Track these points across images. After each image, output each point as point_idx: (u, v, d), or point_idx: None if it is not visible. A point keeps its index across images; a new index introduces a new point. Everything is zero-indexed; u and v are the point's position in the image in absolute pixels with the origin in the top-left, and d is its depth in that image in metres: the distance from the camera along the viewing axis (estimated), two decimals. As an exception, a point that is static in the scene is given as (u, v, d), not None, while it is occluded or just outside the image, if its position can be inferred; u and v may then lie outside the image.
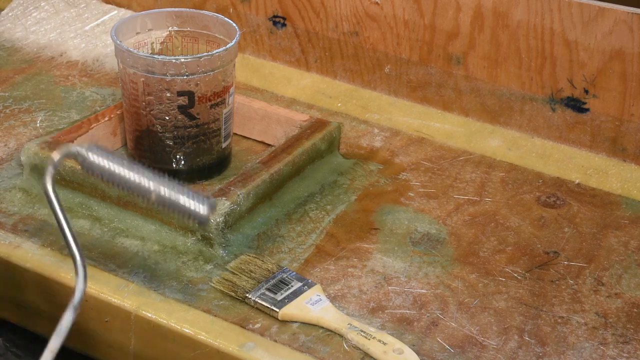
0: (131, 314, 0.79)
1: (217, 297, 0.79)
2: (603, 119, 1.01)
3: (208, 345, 0.75)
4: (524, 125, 1.05)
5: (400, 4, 1.06)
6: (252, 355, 0.74)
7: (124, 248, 0.85)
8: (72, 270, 0.82)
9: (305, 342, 0.75)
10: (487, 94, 1.06)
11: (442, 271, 0.84)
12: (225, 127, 0.94)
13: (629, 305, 0.81)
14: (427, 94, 1.09)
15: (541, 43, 1.00)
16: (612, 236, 0.90)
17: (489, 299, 0.81)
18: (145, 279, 0.81)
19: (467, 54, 1.05)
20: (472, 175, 0.98)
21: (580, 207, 0.94)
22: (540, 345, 0.76)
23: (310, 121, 0.99)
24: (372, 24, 1.09)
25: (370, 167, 0.99)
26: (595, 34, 0.97)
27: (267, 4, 1.14)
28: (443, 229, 0.90)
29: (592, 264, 0.86)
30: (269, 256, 0.85)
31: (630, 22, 0.95)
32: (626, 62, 0.97)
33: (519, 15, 1.00)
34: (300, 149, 0.94)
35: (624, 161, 1.01)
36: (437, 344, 0.76)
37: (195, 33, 0.96)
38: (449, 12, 1.04)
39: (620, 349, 0.77)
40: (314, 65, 1.15)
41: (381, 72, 1.11)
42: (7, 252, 0.84)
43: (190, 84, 0.89)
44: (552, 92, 1.02)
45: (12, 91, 1.09)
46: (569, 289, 0.83)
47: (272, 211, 0.90)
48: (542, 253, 0.87)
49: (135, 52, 0.89)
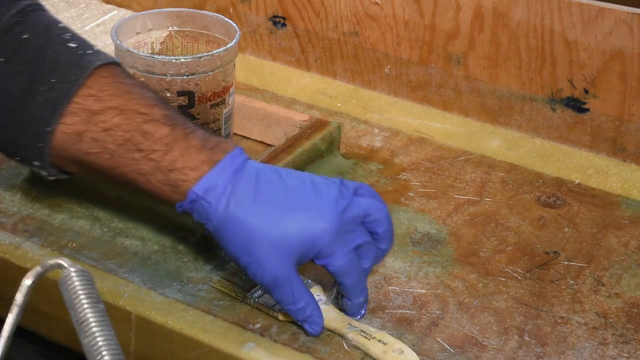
0: (131, 314, 0.79)
1: (217, 297, 0.79)
2: (603, 119, 1.01)
3: (208, 345, 0.75)
4: (524, 125, 1.05)
5: (400, 4, 1.06)
6: (252, 355, 0.74)
7: (124, 248, 0.85)
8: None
9: (305, 342, 0.75)
10: (487, 94, 1.06)
11: (442, 271, 0.84)
12: (225, 127, 0.94)
13: (629, 305, 0.81)
14: (427, 94, 1.09)
15: (541, 43, 1.00)
16: (612, 236, 0.90)
17: (489, 299, 0.81)
18: (145, 279, 0.81)
19: (467, 54, 1.05)
20: (472, 175, 0.98)
21: (580, 207, 0.94)
22: (540, 345, 0.76)
23: (310, 121, 0.99)
24: (372, 24, 1.09)
25: (370, 167, 0.99)
26: (595, 34, 0.97)
27: (267, 4, 1.14)
28: (443, 229, 0.90)
29: (592, 264, 0.86)
30: (269, 256, 0.85)
31: (630, 22, 0.95)
32: (626, 62, 0.97)
33: (519, 15, 1.00)
34: (300, 149, 0.94)
35: (624, 161, 1.01)
36: (437, 344, 0.76)
37: (195, 33, 0.96)
38: (449, 12, 1.04)
39: (620, 349, 0.77)
40: (314, 65, 1.15)
41: (381, 72, 1.11)
42: (7, 252, 0.84)
43: (190, 84, 0.89)
44: (552, 92, 1.02)
45: (12, 91, 1.09)
46: (569, 289, 0.83)
47: (272, 211, 0.90)
48: (542, 253, 0.87)
49: (135, 52, 0.89)
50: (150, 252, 0.85)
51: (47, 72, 0.74)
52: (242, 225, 0.72)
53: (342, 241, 0.73)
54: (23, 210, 0.89)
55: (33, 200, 0.90)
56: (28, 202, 0.90)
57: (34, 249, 0.84)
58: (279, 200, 0.73)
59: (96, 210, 0.89)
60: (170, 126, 0.74)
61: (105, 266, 0.83)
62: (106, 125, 0.74)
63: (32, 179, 0.91)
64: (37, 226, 0.87)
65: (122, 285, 0.81)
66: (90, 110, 0.74)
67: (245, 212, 0.72)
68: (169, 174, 0.73)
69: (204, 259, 0.84)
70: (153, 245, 0.85)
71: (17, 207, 0.90)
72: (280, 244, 0.72)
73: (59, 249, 0.84)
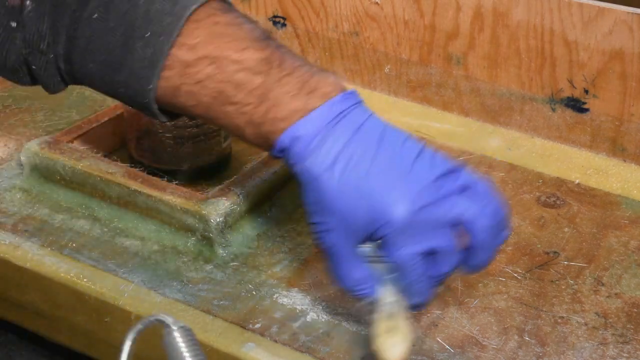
0: (131, 314, 0.79)
1: (217, 297, 0.80)
2: (603, 119, 1.00)
3: (208, 345, 0.75)
4: (524, 125, 1.05)
5: (400, 4, 1.06)
6: (252, 355, 0.74)
7: (124, 248, 0.85)
8: (72, 270, 0.82)
9: (305, 342, 0.75)
10: (487, 94, 1.06)
11: (442, 271, 0.84)
12: (225, 127, 0.93)
13: (629, 305, 0.81)
14: (427, 94, 1.09)
15: (541, 43, 1.00)
16: (612, 236, 0.90)
17: (489, 299, 0.81)
18: (145, 279, 0.81)
19: (467, 54, 1.05)
20: (472, 175, 0.98)
21: (580, 207, 0.94)
22: (540, 345, 0.76)
23: (310, 121, 0.98)
24: (372, 24, 1.09)
25: (370, 167, 0.99)
26: (595, 34, 0.97)
27: (267, 4, 1.15)
28: (443, 229, 0.90)
29: (592, 264, 0.86)
30: (269, 256, 0.85)
31: (630, 22, 0.95)
32: (626, 62, 0.97)
33: (519, 15, 1.00)
34: (300, 149, 0.94)
35: (624, 161, 1.01)
36: (437, 344, 0.76)
37: (195, 33, 0.96)
38: (449, 12, 1.04)
39: (620, 349, 0.77)
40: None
41: (381, 72, 1.11)
42: (7, 252, 0.84)
43: (190, 84, 0.89)
44: (552, 92, 1.02)
45: (12, 91, 1.09)
46: (569, 289, 0.83)
47: (272, 211, 0.90)
48: (542, 253, 0.87)
49: (135, 52, 0.89)
50: (150, 252, 0.85)
51: (141, 25, 0.69)
52: (316, 183, 0.66)
53: (411, 236, 0.66)
54: (23, 210, 0.89)
55: (33, 200, 0.90)
56: (28, 202, 0.90)
57: (34, 249, 0.84)
58: (364, 167, 0.66)
59: (96, 210, 0.89)
60: (263, 74, 0.68)
61: (105, 266, 0.83)
62: (199, 77, 0.69)
63: (32, 179, 0.92)
64: (37, 226, 0.87)
65: (122, 285, 0.81)
66: (184, 62, 0.69)
67: (323, 172, 0.66)
68: (261, 128, 0.69)
69: (204, 259, 0.84)
70: (153, 245, 0.85)
71: (17, 207, 0.90)
72: (344, 216, 0.66)
73: (59, 249, 0.84)
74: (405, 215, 0.65)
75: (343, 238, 0.67)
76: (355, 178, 0.66)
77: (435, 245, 0.67)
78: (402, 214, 0.65)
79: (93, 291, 0.80)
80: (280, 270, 0.83)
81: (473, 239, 0.67)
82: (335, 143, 0.67)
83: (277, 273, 0.83)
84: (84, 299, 0.81)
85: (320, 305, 0.79)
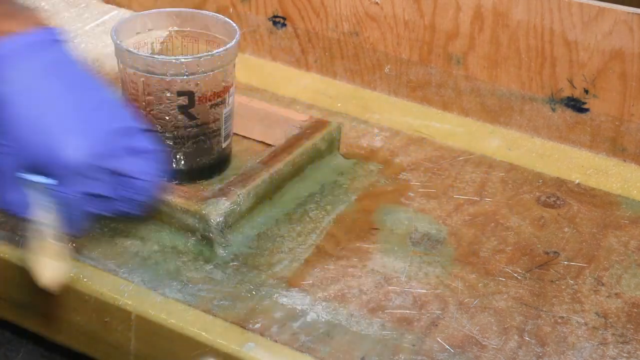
0: (131, 314, 0.79)
1: (217, 297, 0.80)
2: (603, 119, 1.01)
3: (208, 345, 0.75)
4: (524, 125, 1.05)
5: (400, 4, 1.06)
6: (252, 355, 0.74)
7: (124, 248, 0.85)
8: (72, 270, 0.82)
9: (305, 342, 0.75)
10: (487, 94, 1.06)
11: (442, 271, 0.84)
12: (225, 127, 0.94)
13: (629, 305, 0.81)
14: (427, 94, 1.09)
15: (541, 43, 1.00)
16: (612, 236, 0.90)
17: (489, 299, 0.81)
18: (145, 279, 0.81)
19: (467, 54, 1.05)
20: (472, 175, 0.98)
21: (580, 207, 0.94)
22: (540, 345, 0.76)
23: (310, 121, 0.99)
24: (372, 24, 1.09)
25: (370, 167, 0.99)
26: (595, 34, 0.97)
27: (267, 4, 1.15)
28: (443, 229, 0.90)
29: (592, 264, 0.86)
30: (269, 256, 0.85)
31: (630, 22, 0.95)
32: (626, 62, 0.97)
33: (519, 15, 1.00)
34: (301, 149, 0.94)
35: (624, 161, 1.01)
36: (437, 344, 0.76)
37: (195, 33, 0.96)
38: (449, 12, 1.04)
39: (620, 349, 0.77)
40: (314, 65, 1.15)
41: (381, 72, 1.11)
42: (7, 252, 0.84)
43: (190, 84, 0.89)
44: (552, 92, 1.02)
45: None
46: (569, 289, 0.83)
47: (272, 211, 0.90)
48: (542, 253, 0.87)
49: (135, 52, 0.89)
50: (150, 252, 0.85)
51: None
52: (3, 105, 0.68)
53: (78, 180, 0.70)
54: (23, 210, 0.89)
55: (33, 200, 0.90)
56: (28, 202, 0.90)
57: (34, 249, 0.84)
58: (48, 104, 0.69)
59: (96, 210, 0.89)
60: None
61: (105, 266, 0.83)
62: None
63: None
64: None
65: (122, 285, 0.81)
66: None
67: (10, 96, 0.68)
68: None
69: (204, 259, 0.84)
70: (153, 245, 0.85)
71: (17, 207, 0.90)
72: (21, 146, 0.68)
73: (59, 249, 0.84)
74: (77, 162, 0.69)
75: (14, 164, 0.69)
76: (38, 114, 0.68)
77: (98, 191, 0.71)
78: (74, 160, 0.68)
79: (93, 291, 0.80)
80: (280, 270, 0.83)
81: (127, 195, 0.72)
82: (27, 73, 0.68)
83: (277, 273, 0.83)
84: (84, 299, 0.81)
85: (320, 305, 0.79)
